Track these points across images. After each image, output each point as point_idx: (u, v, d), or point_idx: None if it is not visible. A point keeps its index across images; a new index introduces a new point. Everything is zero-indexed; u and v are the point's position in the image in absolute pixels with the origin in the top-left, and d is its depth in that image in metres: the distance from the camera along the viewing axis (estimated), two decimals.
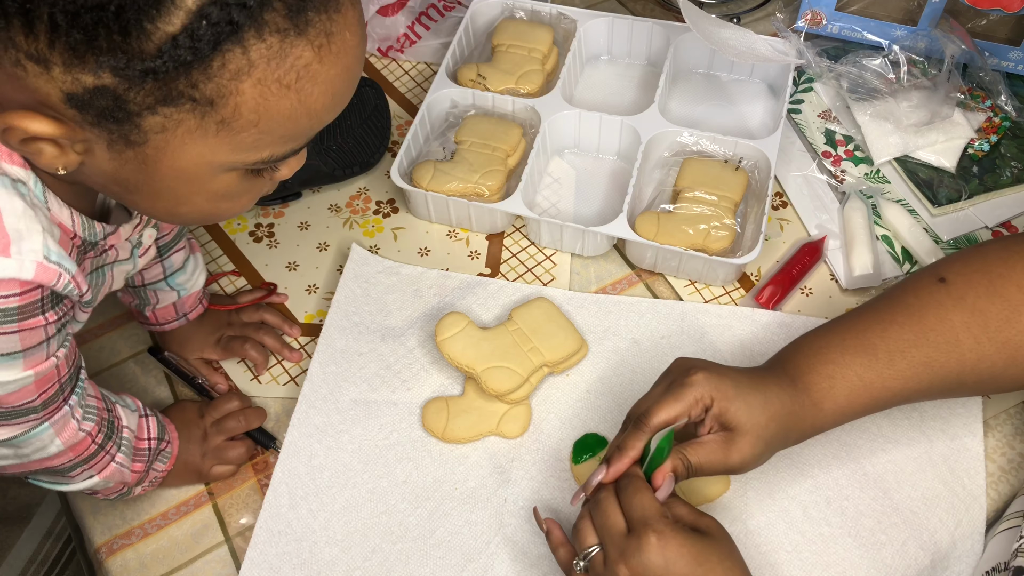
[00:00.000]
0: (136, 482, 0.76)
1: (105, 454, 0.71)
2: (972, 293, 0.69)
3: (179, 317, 0.87)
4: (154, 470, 0.78)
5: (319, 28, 0.49)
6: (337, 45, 0.51)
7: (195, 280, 0.87)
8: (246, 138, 0.52)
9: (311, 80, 0.51)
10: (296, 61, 0.49)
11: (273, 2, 0.47)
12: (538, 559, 0.77)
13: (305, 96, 0.51)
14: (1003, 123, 1.02)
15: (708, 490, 0.79)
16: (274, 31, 0.48)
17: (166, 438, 0.78)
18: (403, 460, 0.82)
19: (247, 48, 0.48)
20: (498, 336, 0.85)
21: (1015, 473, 0.82)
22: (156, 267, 0.83)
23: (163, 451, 0.78)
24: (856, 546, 0.77)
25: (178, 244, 0.83)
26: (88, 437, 0.68)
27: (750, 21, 1.19)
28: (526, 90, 1.04)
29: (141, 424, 0.76)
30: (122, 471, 0.73)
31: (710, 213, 0.92)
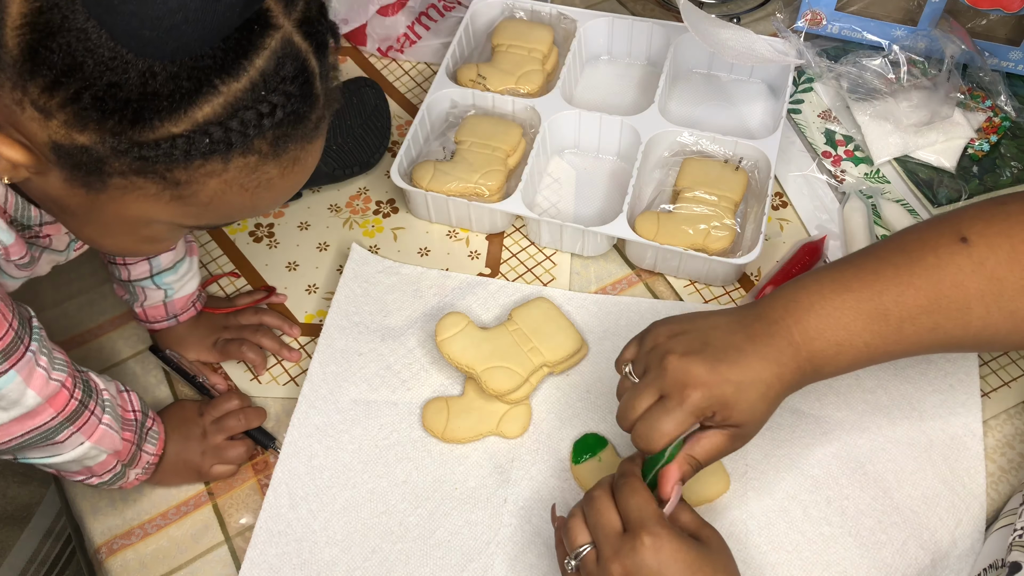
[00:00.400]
0: (128, 459, 0.75)
1: (90, 414, 0.70)
2: (993, 259, 0.67)
3: (169, 318, 0.87)
4: (144, 452, 0.77)
5: (292, 154, 0.56)
6: (300, 166, 0.58)
7: (186, 283, 0.87)
8: (193, 211, 0.57)
9: (268, 189, 0.57)
10: (263, 176, 0.56)
11: (265, 132, 0.53)
12: (538, 559, 0.77)
13: (258, 199, 0.57)
14: (1003, 123, 1.02)
15: (708, 490, 0.79)
16: (255, 152, 0.54)
17: (150, 415, 0.78)
18: (403, 460, 0.82)
19: (228, 161, 0.53)
20: (498, 336, 0.85)
21: (1015, 473, 0.82)
22: (143, 263, 0.83)
23: (150, 430, 0.78)
24: (856, 546, 0.77)
25: None
26: (64, 389, 0.68)
27: (750, 21, 1.19)
28: (526, 90, 1.04)
29: (124, 397, 0.75)
30: (112, 436, 0.72)
31: (710, 213, 0.92)
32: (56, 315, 0.94)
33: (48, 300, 0.95)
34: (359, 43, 1.17)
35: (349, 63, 1.16)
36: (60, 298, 0.95)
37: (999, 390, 0.87)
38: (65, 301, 0.95)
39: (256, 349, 0.89)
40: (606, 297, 0.93)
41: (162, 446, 0.79)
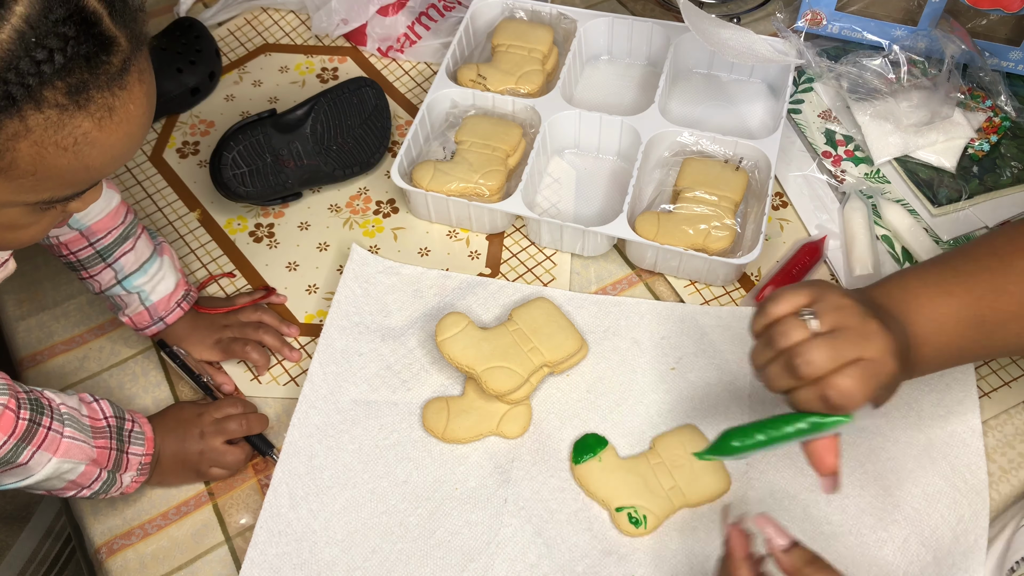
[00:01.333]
0: (112, 465, 0.75)
1: (46, 431, 0.69)
2: None
3: (155, 321, 0.87)
4: (133, 455, 0.76)
5: (100, 103, 0.54)
6: (119, 116, 0.55)
7: (158, 283, 0.86)
8: (24, 183, 0.55)
9: (89, 145, 0.54)
10: (75, 130, 0.53)
11: (54, 81, 0.51)
12: (538, 559, 0.77)
13: (83, 157, 0.55)
14: (1003, 123, 1.02)
15: (709, 490, 0.79)
16: (53, 105, 0.52)
17: (127, 417, 0.77)
18: (403, 460, 0.82)
19: (25, 117, 0.51)
20: (498, 336, 0.85)
21: (1015, 473, 0.82)
22: (107, 271, 0.83)
23: (133, 432, 0.77)
24: (858, 544, 0.77)
25: (123, 246, 0.83)
26: (7, 411, 0.67)
27: (750, 21, 1.19)
28: (526, 90, 1.04)
29: (92, 408, 0.74)
30: (80, 447, 0.71)
31: (710, 213, 0.92)
32: (56, 315, 0.94)
33: (48, 300, 0.95)
34: (359, 43, 1.17)
35: (349, 63, 1.16)
36: (60, 298, 0.95)
37: (999, 390, 0.87)
38: (65, 301, 0.95)
39: (259, 349, 0.89)
40: (606, 297, 0.93)
41: (152, 445, 0.78)
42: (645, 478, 0.79)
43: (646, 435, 0.83)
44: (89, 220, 0.81)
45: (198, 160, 1.07)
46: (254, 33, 1.20)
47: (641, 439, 0.83)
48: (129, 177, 1.05)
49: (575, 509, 0.79)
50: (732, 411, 0.84)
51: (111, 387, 0.89)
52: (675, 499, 0.79)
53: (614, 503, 0.79)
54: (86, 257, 0.83)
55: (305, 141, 0.99)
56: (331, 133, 1.00)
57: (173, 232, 1.00)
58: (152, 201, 1.03)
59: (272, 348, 0.90)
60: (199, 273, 0.97)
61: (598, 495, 0.79)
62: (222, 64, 1.16)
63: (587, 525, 0.79)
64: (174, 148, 1.08)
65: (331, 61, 1.16)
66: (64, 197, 0.59)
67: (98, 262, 0.83)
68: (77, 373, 0.90)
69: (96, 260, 0.83)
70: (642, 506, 0.78)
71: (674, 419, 0.84)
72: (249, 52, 1.18)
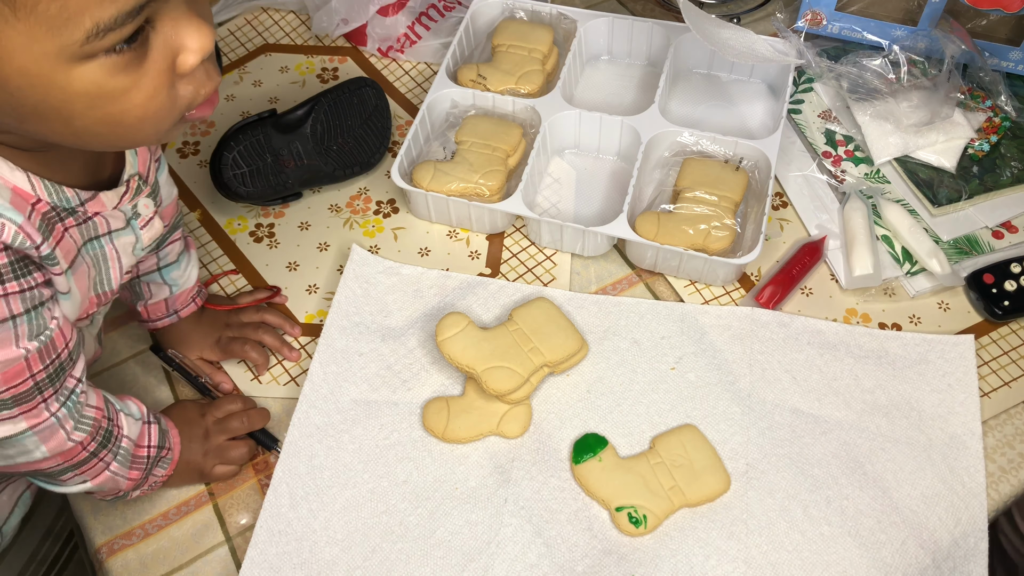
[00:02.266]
0: (133, 487, 0.76)
1: (99, 462, 0.70)
2: None
3: (169, 314, 0.87)
4: (153, 476, 0.77)
5: None
6: None
7: (188, 276, 0.87)
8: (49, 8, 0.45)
9: None
10: None
11: None
12: (538, 559, 0.77)
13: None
14: (1003, 123, 1.02)
15: (709, 489, 0.79)
16: None
17: (167, 445, 0.78)
18: (403, 460, 0.82)
19: None
20: (498, 336, 0.85)
21: (1015, 473, 0.82)
22: (151, 258, 0.83)
23: (163, 458, 0.78)
24: (856, 545, 0.77)
25: (173, 236, 0.84)
26: (79, 446, 0.67)
27: (750, 21, 1.19)
28: (526, 90, 1.04)
29: (143, 432, 0.75)
30: (116, 479, 0.73)
31: (710, 213, 0.92)
32: None
33: None
34: (359, 43, 1.17)
35: (349, 63, 1.16)
36: None
37: (999, 390, 0.87)
38: None
39: (259, 348, 0.89)
40: (606, 297, 0.93)
41: (173, 467, 0.79)
42: (645, 478, 0.79)
43: (646, 435, 0.83)
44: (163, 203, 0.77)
45: (198, 160, 1.07)
46: (254, 33, 1.20)
47: (641, 439, 0.83)
48: None
49: (575, 509, 0.79)
50: (732, 411, 0.84)
51: (111, 387, 0.89)
52: (675, 499, 0.79)
53: (614, 503, 0.79)
54: None
55: (305, 141, 0.99)
56: (331, 133, 1.00)
57: None
58: None
59: (272, 348, 0.90)
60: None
61: (598, 495, 0.79)
62: (222, 64, 1.16)
63: (587, 525, 0.79)
64: (174, 148, 1.08)
65: (331, 61, 1.16)
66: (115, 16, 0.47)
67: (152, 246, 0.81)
68: None
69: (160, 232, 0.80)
70: (642, 506, 0.78)
71: (674, 419, 0.84)
72: (249, 52, 1.18)
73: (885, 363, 0.87)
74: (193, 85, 0.55)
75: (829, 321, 0.90)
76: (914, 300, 0.93)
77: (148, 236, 0.71)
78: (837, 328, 0.89)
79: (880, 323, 0.91)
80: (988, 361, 0.88)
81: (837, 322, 0.90)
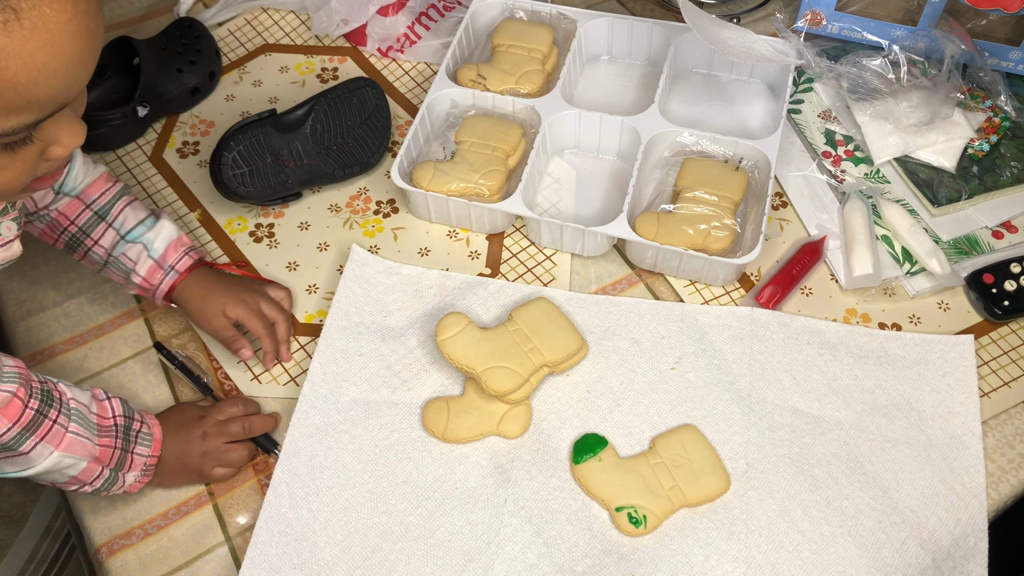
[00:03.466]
0: (115, 463, 0.75)
1: (52, 423, 0.70)
2: None
3: (167, 271, 0.86)
4: (136, 455, 0.77)
5: (2, 4, 0.50)
6: (30, 20, 0.51)
7: (159, 232, 0.86)
8: None
9: (3, 55, 0.51)
10: None
11: None
12: (538, 559, 0.77)
13: (2, 70, 0.51)
14: (1003, 123, 1.02)
15: (709, 489, 0.79)
16: None
17: (136, 417, 0.77)
18: (403, 460, 0.82)
19: None
20: (498, 336, 0.85)
21: (1015, 473, 0.82)
22: (108, 232, 0.84)
23: (141, 432, 0.77)
24: (856, 545, 0.77)
25: (119, 203, 0.86)
26: (15, 399, 0.67)
27: (750, 21, 1.19)
28: (526, 90, 1.04)
29: (103, 406, 0.75)
30: (84, 443, 0.72)
31: (710, 213, 0.92)
32: (56, 315, 0.94)
33: (48, 300, 0.95)
34: (359, 43, 1.17)
35: (349, 63, 1.16)
36: (60, 298, 0.95)
37: (999, 390, 0.87)
38: (65, 301, 0.95)
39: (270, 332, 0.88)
40: (606, 297, 0.93)
41: (159, 447, 0.79)
42: (645, 478, 0.79)
43: (646, 435, 0.83)
44: (81, 184, 0.85)
45: (198, 160, 1.07)
46: (254, 33, 1.20)
47: (641, 439, 0.83)
48: (129, 177, 1.05)
49: (575, 509, 0.79)
50: (732, 411, 0.84)
51: (111, 387, 0.89)
52: (675, 499, 0.79)
53: (614, 503, 0.79)
54: (85, 221, 0.84)
55: (305, 141, 0.99)
56: (331, 133, 1.00)
57: None
58: (152, 201, 1.03)
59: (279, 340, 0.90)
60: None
61: (598, 495, 0.79)
62: (222, 64, 1.16)
63: (587, 525, 0.79)
64: (174, 148, 1.08)
65: (331, 61, 1.16)
66: (13, 129, 0.55)
67: (98, 223, 0.84)
68: (77, 373, 0.90)
69: (96, 222, 0.84)
70: (642, 506, 0.78)
71: (674, 419, 0.84)
72: (249, 52, 1.18)
73: (885, 363, 0.87)
74: (48, 167, 0.62)
75: (829, 321, 0.90)
76: (914, 300, 0.93)
77: (4, 256, 0.73)
78: (837, 328, 0.89)
79: (880, 323, 0.91)
80: (988, 361, 0.88)
81: (837, 322, 0.90)
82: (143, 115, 1.07)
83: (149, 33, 1.16)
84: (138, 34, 1.16)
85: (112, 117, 1.05)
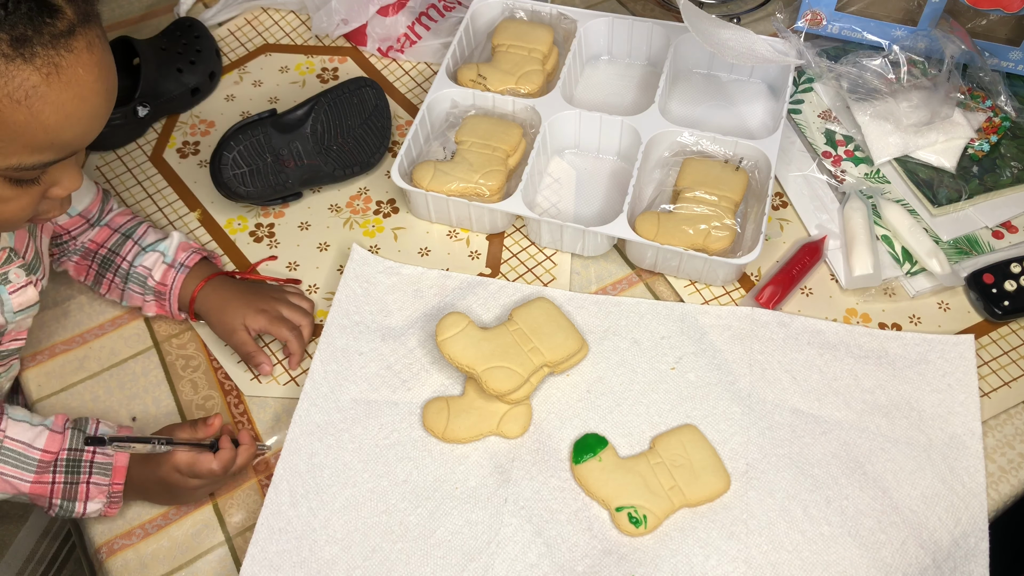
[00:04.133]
0: (66, 496, 0.76)
1: None
2: None
3: (177, 269, 0.89)
4: (95, 484, 0.77)
5: (46, 59, 0.59)
6: (67, 76, 0.61)
7: (173, 240, 0.91)
8: None
9: (40, 100, 0.60)
10: (23, 82, 0.59)
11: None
12: (538, 559, 0.77)
13: (36, 112, 0.60)
14: (1003, 123, 1.02)
15: (709, 489, 0.79)
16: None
17: (88, 449, 0.77)
18: (403, 460, 0.82)
19: None
20: (498, 336, 0.85)
21: (1015, 473, 0.82)
22: (130, 244, 0.90)
23: (94, 463, 0.77)
24: (856, 545, 0.77)
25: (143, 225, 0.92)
26: None
27: (750, 21, 1.19)
28: (526, 90, 1.04)
29: (55, 439, 0.77)
30: (10, 482, 0.75)
31: (710, 213, 0.92)
32: (56, 315, 0.94)
33: (48, 300, 0.95)
34: (359, 43, 1.17)
35: (349, 63, 1.16)
36: (60, 298, 0.95)
37: (999, 390, 0.87)
38: (65, 301, 0.95)
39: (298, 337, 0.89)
40: (606, 297, 0.93)
41: (122, 474, 0.78)
42: (645, 478, 0.79)
43: (646, 435, 0.83)
44: (108, 216, 0.93)
45: (198, 160, 1.07)
46: (254, 33, 1.20)
47: (641, 439, 0.83)
48: (129, 177, 1.05)
49: (575, 509, 0.80)
50: (732, 411, 0.84)
51: (111, 387, 0.89)
52: (675, 499, 0.79)
53: (614, 503, 0.79)
54: (115, 242, 0.91)
55: (305, 141, 0.99)
56: (331, 133, 1.00)
57: None
58: (152, 201, 1.03)
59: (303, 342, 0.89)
60: None
61: (598, 495, 0.79)
62: (222, 64, 1.16)
63: (587, 525, 0.79)
64: (174, 148, 1.08)
65: (331, 61, 1.16)
66: (32, 165, 0.63)
67: (125, 241, 0.91)
68: (77, 373, 0.90)
69: (123, 241, 0.91)
70: (642, 506, 0.78)
71: (674, 419, 0.84)
72: (249, 52, 1.18)
73: (885, 363, 0.87)
74: (49, 206, 0.71)
75: (829, 321, 0.90)
76: (914, 300, 0.93)
77: (18, 302, 0.79)
78: (837, 328, 0.89)
79: (880, 323, 0.91)
80: (988, 361, 0.88)
81: (837, 322, 0.90)
82: (143, 115, 1.07)
83: (149, 33, 1.16)
84: (138, 34, 1.16)
85: (112, 117, 1.04)
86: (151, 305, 0.90)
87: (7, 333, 0.81)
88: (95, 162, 1.07)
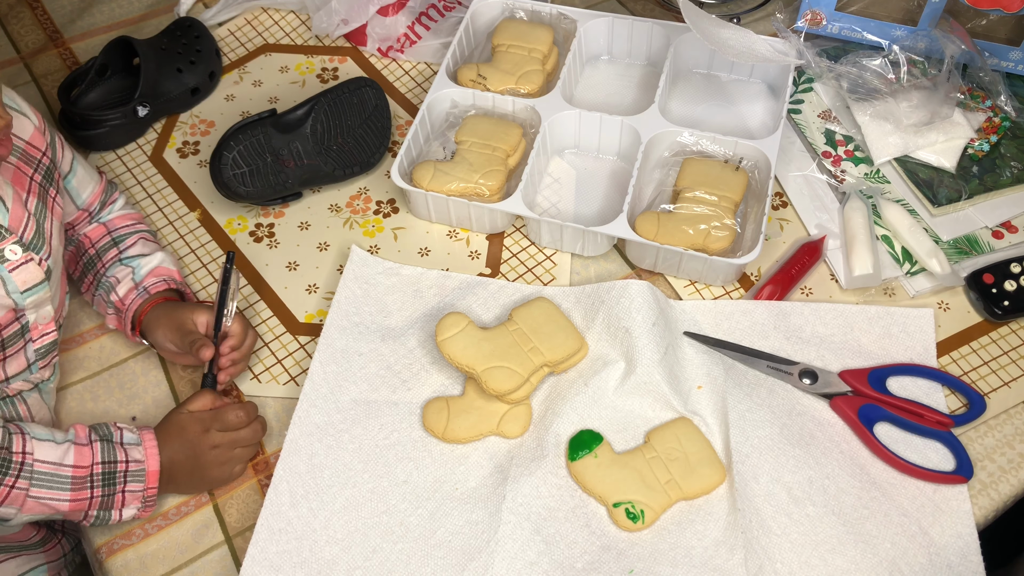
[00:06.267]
0: (103, 507, 0.75)
1: (9, 490, 0.71)
2: None
3: (139, 292, 0.87)
4: (131, 492, 0.76)
5: None
6: None
7: (153, 259, 0.89)
8: None
9: None
10: None
11: None
12: (538, 557, 0.77)
13: None
14: (1003, 123, 1.02)
15: (705, 482, 0.79)
16: None
17: (120, 459, 0.76)
18: (403, 460, 0.82)
19: None
20: (498, 336, 0.85)
21: (1015, 473, 0.82)
22: (114, 251, 0.90)
23: (128, 472, 0.76)
24: (840, 523, 0.78)
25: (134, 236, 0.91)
26: None
27: (750, 21, 1.19)
28: (526, 90, 1.04)
29: (83, 453, 0.74)
30: (47, 504, 0.73)
31: (710, 213, 0.92)
32: None
33: None
34: (359, 43, 1.17)
35: (349, 63, 1.16)
36: None
37: (999, 390, 0.87)
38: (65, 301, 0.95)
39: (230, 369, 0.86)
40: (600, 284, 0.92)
41: (155, 478, 0.77)
42: (641, 473, 0.80)
43: (640, 429, 0.83)
44: (108, 214, 0.92)
45: (198, 160, 1.07)
46: (254, 33, 1.20)
47: (635, 434, 0.83)
48: (129, 177, 1.05)
49: (573, 506, 0.80)
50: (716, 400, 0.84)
51: (111, 387, 0.89)
52: (672, 492, 0.79)
53: (611, 499, 0.79)
54: (103, 245, 0.90)
55: (305, 141, 0.99)
56: (331, 133, 1.00)
57: (173, 232, 1.00)
58: (152, 201, 1.03)
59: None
60: (199, 272, 0.97)
61: (595, 491, 0.79)
62: (222, 64, 1.16)
63: (585, 521, 0.79)
64: (174, 148, 1.08)
65: (331, 61, 1.17)
66: None
67: (112, 247, 0.90)
68: (77, 373, 0.90)
69: (111, 246, 0.90)
70: (639, 501, 0.78)
71: (667, 413, 0.84)
72: (249, 52, 1.18)
73: (851, 338, 0.88)
74: None
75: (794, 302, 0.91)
76: (914, 300, 0.93)
77: (22, 279, 0.77)
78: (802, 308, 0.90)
79: None
80: (988, 361, 0.88)
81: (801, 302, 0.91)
82: (143, 115, 1.07)
83: (149, 33, 1.16)
84: (138, 34, 1.16)
85: (112, 117, 1.05)
86: (112, 318, 0.89)
87: (34, 326, 0.79)
88: (95, 162, 1.07)
